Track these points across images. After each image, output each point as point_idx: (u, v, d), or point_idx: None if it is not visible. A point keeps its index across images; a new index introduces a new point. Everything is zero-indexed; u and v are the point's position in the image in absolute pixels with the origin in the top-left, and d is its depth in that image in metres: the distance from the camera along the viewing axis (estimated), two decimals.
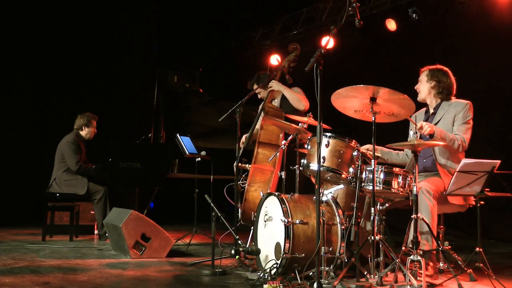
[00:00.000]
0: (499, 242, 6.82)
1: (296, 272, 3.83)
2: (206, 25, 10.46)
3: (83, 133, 6.96)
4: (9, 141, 8.97)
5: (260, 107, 5.64)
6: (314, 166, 4.20)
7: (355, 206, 4.02)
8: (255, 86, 5.75)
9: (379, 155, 4.56)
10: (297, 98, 5.43)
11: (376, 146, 3.95)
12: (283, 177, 4.73)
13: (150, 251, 5.10)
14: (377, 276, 3.82)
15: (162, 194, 7.85)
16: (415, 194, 3.79)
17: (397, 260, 3.71)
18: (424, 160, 4.45)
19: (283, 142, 4.74)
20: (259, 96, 5.76)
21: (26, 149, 9.19)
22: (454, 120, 4.38)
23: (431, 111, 4.58)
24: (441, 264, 4.28)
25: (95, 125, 7.04)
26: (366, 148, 4.36)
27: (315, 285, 3.40)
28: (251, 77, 5.92)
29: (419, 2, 7.70)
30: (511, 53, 6.81)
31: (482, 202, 4.07)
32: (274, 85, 5.53)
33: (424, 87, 4.59)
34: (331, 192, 4.31)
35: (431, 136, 4.14)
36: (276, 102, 5.65)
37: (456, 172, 3.91)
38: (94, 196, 6.61)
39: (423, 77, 4.61)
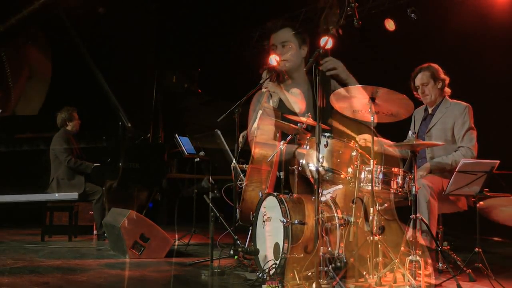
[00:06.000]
0: (498, 242, 6.82)
1: (295, 272, 3.83)
2: (204, 25, 10.45)
3: (69, 128, 6.92)
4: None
5: (257, 107, 5.62)
6: (313, 166, 4.19)
7: (353, 206, 4.03)
8: (264, 73, 5.68)
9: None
10: (292, 101, 5.42)
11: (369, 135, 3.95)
12: (281, 177, 4.72)
13: (149, 251, 5.09)
14: (376, 276, 3.82)
15: (161, 194, 7.86)
16: (414, 194, 3.79)
17: (395, 260, 3.71)
18: (420, 160, 4.45)
19: (282, 142, 4.73)
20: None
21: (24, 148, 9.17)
22: (453, 127, 4.37)
23: (430, 111, 4.58)
24: (440, 264, 4.27)
25: (77, 116, 6.98)
26: (364, 138, 4.36)
27: (314, 285, 3.40)
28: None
29: (418, 2, 7.69)
30: (509, 53, 6.81)
31: (481, 202, 4.07)
32: (270, 86, 5.51)
33: (434, 90, 4.57)
34: (330, 192, 4.31)
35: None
36: (275, 102, 5.62)
37: (455, 172, 3.91)
38: (92, 196, 6.60)
39: (428, 79, 4.57)
